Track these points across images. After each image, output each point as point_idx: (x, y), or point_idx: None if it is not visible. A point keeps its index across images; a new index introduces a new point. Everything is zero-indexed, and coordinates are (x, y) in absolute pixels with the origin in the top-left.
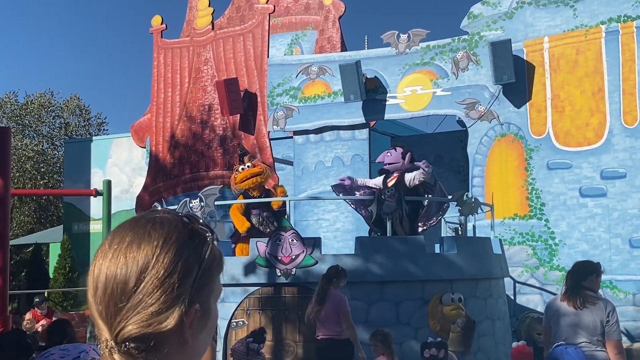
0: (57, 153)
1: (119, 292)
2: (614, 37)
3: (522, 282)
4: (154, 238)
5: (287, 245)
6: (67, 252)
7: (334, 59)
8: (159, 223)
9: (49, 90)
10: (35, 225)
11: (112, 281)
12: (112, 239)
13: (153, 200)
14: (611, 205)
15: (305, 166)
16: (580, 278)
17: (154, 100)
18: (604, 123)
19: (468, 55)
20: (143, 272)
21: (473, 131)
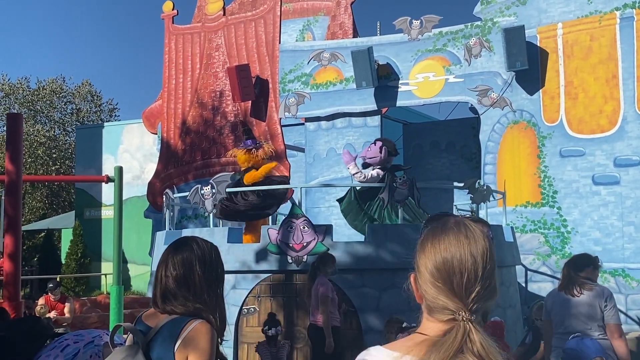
0: (68, 139)
1: (473, 277)
2: (629, 24)
3: (534, 269)
4: (481, 237)
5: (298, 232)
6: (79, 237)
7: (346, 45)
8: (471, 227)
9: (60, 77)
10: (47, 211)
11: (468, 268)
12: (443, 235)
13: (164, 187)
14: (624, 193)
15: (317, 153)
16: (577, 269)
17: (165, 86)
18: (618, 110)
19: (481, 41)
20: (485, 261)
21: (485, 118)
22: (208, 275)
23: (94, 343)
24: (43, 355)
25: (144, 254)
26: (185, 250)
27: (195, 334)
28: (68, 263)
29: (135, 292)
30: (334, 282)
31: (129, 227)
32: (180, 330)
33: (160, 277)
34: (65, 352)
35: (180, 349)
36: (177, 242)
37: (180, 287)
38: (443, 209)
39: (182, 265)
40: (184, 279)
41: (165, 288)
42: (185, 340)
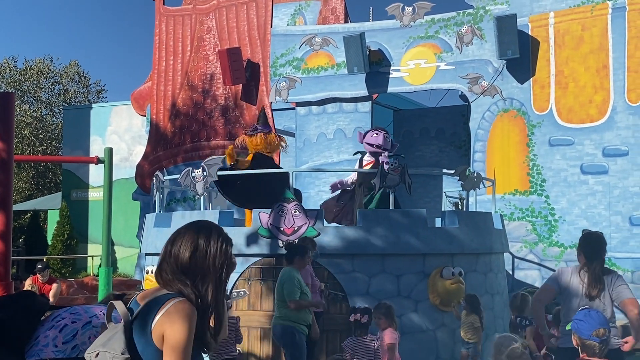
0: (55, 120)
1: None
2: (621, 14)
3: (521, 257)
4: None
5: (289, 216)
6: (66, 219)
7: (338, 30)
8: None
9: (48, 57)
10: (34, 192)
11: None
12: None
13: (153, 169)
14: (612, 182)
15: (307, 138)
16: (603, 253)
17: (155, 68)
18: (608, 100)
19: (473, 29)
20: None
21: (476, 106)
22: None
23: (91, 324)
24: (41, 335)
25: (131, 236)
26: (202, 235)
27: (173, 311)
28: (54, 244)
29: (122, 274)
30: (323, 265)
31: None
32: (159, 308)
33: (174, 252)
34: (64, 333)
35: (157, 326)
36: (200, 223)
37: (182, 269)
38: (432, 196)
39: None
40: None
41: (176, 263)
42: (162, 318)
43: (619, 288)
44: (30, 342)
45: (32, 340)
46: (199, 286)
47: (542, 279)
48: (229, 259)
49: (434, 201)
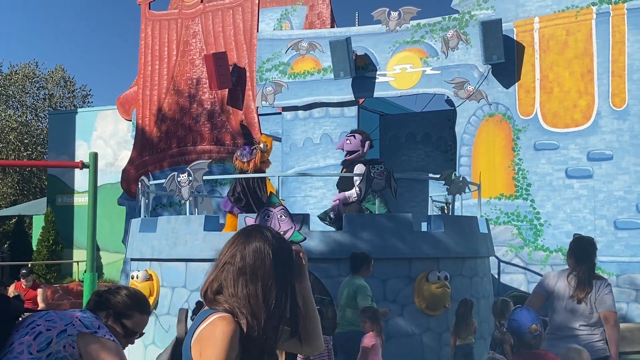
0: (40, 124)
1: None
2: (605, 19)
3: (507, 261)
4: None
5: (275, 221)
6: (51, 224)
7: (324, 35)
8: None
9: (33, 61)
10: (18, 197)
11: None
12: None
13: (139, 174)
14: (597, 186)
15: (294, 142)
16: (593, 257)
17: (141, 73)
18: (592, 105)
19: (458, 34)
20: None
21: (461, 110)
22: (276, 272)
23: (67, 332)
24: (16, 342)
25: (116, 241)
26: (259, 240)
27: (212, 328)
28: (39, 250)
29: (108, 279)
30: (309, 270)
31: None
32: (200, 322)
33: (222, 265)
34: (39, 341)
35: (195, 343)
36: (248, 229)
37: (239, 280)
38: (418, 200)
39: (254, 256)
40: (248, 271)
41: (222, 278)
42: (203, 332)
43: (604, 297)
44: (5, 349)
45: (6, 347)
46: (250, 298)
47: (528, 283)
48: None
49: (420, 205)
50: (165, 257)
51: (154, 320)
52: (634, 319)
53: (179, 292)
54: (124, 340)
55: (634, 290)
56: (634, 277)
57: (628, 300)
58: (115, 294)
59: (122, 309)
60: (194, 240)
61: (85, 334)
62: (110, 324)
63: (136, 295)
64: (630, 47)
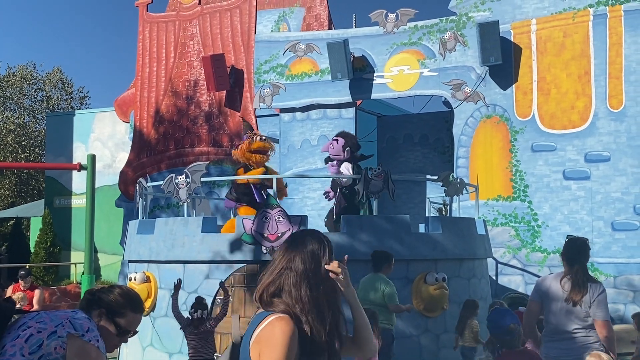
0: (38, 126)
1: None
2: (602, 21)
3: (504, 262)
4: None
5: (273, 222)
6: (49, 226)
7: (322, 37)
8: None
9: (31, 63)
10: (16, 199)
11: None
12: None
13: (137, 176)
14: (594, 188)
15: (291, 144)
16: (585, 259)
17: (139, 74)
18: (590, 106)
19: (455, 36)
20: None
21: (459, 112)
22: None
23: (57, 334)
24: (8, 345)
25: (114, 243)
26: (314, 244)
27: (271, 328)
28: (37, 252)
29: (105, 281)
30: None
31: (99, 216)
32: (258, 324)
33: (280, 270)
34: (30, 343)
35: (254, 344)
36: (302, 234)
37: (298, 283)
38: (416, 202)
39: (312, 259)
40: (309, 274)
41: (280, 282)
42: (261, 333)
43: (600, 306)
44: None
45: None
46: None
47: (526, 284)
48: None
49: (417, 207)
50: (163, 259)
51: (151, 322)
52: (631, 320)
53: None
54: (117, 339)
55: (631, 292)
56: (631, 279)
57: (625, 301)
58: (108, 293)
59: (115, 307)
60: (191, 242)
61: (74, 337)
62: (103, 323)
63: (129, 293)
64: (627, 49)
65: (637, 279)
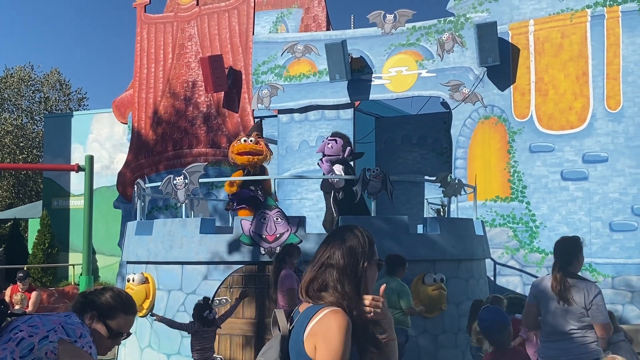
0: (36, 128)
1: None
2: (600, 22)
3: (503, 263)
4: None
5: (271, 223)
6: (47, 227)
7: (320, 38)
8: None
9: (29, 64)
10: (14, 201)
11: None
12: None
13: (135, 177)
14: (592, 188)
15: (290, 145)
16: (568, 262)
17: (137, 75)
18: (587, 107)
19: (453, 36)
20: None
21: (457, 113)
22: (369, 267)
23: (48, 339)
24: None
25: (112, 244)
26: (353, 239)
27: (327, 321)
28: (35, 253)
29: (104, 282)
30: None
31: (97, 217)
32: (311, 317)
33: (321, 265)
34: (21, 347)
35: (309, 337)
36: (341, 230)
37: (341, 278)
38: (414, 202)
39: (350, 255)
40: (349, 270)
41: (323, 277)
42: (315, 326)
43: (599, 309)
44: None
45: None
46: (353, 295)
47: (524, 285)
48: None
49: (416, 208)
50: (161, 260)
51: (149, 323)
52: (629, 321)
53: (175, 294)
54: (110, 341)
55: (630, 292)
56: (630, 279)
57: (623, 302)
58: (100, 295)
59: (106, 310)
60: (190, 243)
61: (66, 342)
62: (95, 326)
63: (120, 296)
64: (624, 50)
65: (635, 280)
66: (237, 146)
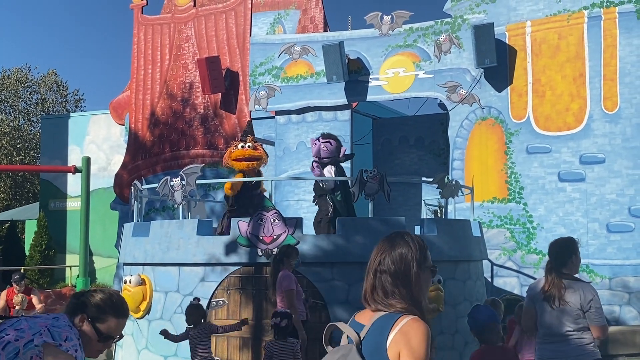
0: (33, 129)
1: None
2: (596, 23)
3: (500, 264)
4: None
5: (268, 225)
6: (44, 229)
7: (317, 39)
8: None
9: (26, 66)
10: (11, 202)
11: None
12: None
13: (132, 179)
14: (589, 190)
15: (287, 146)
16: (562, 263)
17: (134, 77)
18: (584, 108)
19: (451, 38)
20: None
21: (454, 114)
22: (421, 273)
23: (33, 342)
24: None
25: (109, 246)
26: (403, 246)
27: (409, 329)
28: (32, 255)
29: (101, 284)
30: (302, 274)
31: (94, 219)
32: (392, 324)
33: (374, 272)
34: (7, 351)
35: (392, 344)
36: (391, 236)
37: (396, 283)
38: (411, 204)
39: (401, 261)
40: (401, 276)
41: (380, 283)
42: (398, 334)
43: (597, 312)
44: None
45: None
46: (414, 296)
47: (521, 286)
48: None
49: (413, 209)
50: (158, 262)
51: (147, 325)
52: (626, 322)
53: (172, 296)
54: (100, 345)
55: (627, 293)
56: (627, 280)
57: (620, 303)
58: (91, 297)
59: (96, 313)
60: (187, 245)
61: (50, 346)
62: (84, 328)
63: (111, 298)
64: (621, 51)
65: (632, 281)
66: (235, 152)
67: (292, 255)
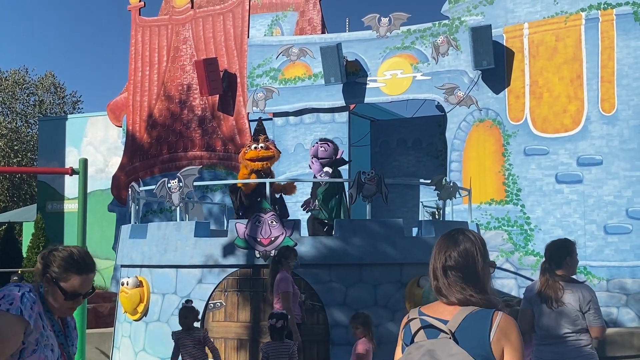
0: (30, 131)
1: None
2: (594, 25)
3: (498, 266)
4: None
5: (266, 227)
6: (41, 231)
7: (315, 41)
8: None
9: (23, 67)
10: (8, 204)
11: None
12: None
13: (130, 180)
14: (587, 191)
15: (285, 148)
16: (557, 264)
17: (131, 78)
18: (582, 110)
19: (448, 40)
20: None
21: (452, 116)
22: (485, 267)
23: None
24: None
25: (107, 248)
26: (467, 241)
27: (506, 325)
28: (30, 257)
29: (98, 286)
30: (300, 276)
31: (92, 221)
32: (490, 320)
33: (443, 269)
34: None
35: (495, 340)
36: (451, 234)
37: (467, 278)
38: (409, 205)
39: (467, 256)
40: (470, 270)
41: (454, 279)
42: (499, 331)
43: (596, 313)
44: None
45: None
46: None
47: (519, 288)
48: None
49: (411, 211)
50: (156, 264)
51: (144, 327)
52: (624, 324)
53: (170, 298)
54: (70, 303)
55: (624, 295)
56: (624, 282)
57: (618, 304)
58: (52, 257)
59: (58, 272)
60: (184, 247)
61: None
62: (50, 288)
63: (72, 256)
64: (619, 53)
65: (629, 283)
66: (250, 153)
67: (291, 256)
